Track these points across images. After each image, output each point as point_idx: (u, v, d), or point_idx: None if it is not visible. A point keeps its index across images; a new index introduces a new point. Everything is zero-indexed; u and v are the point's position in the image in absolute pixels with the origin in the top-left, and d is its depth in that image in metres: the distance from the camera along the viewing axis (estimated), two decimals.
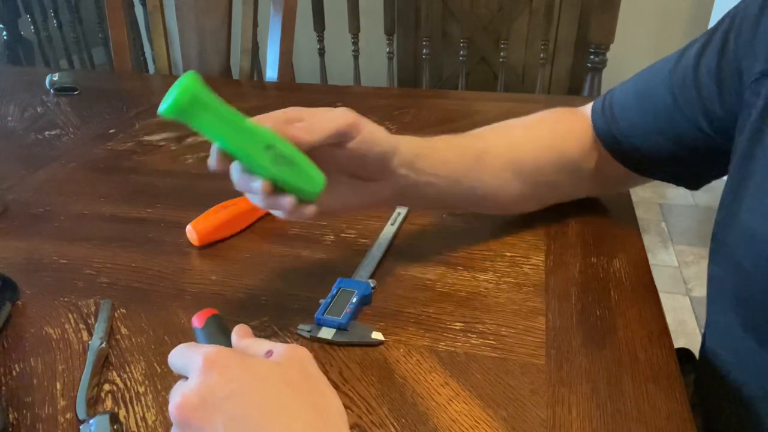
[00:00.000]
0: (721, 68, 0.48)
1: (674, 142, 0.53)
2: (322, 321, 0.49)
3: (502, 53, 1.81)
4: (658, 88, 0.53)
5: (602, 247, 0.58)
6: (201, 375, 0.33)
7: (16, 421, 0.42)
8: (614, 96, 0.58)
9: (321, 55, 2.05)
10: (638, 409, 0.41)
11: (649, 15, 2.42)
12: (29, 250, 0.61)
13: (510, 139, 0.58)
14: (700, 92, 0.49)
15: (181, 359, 0.35)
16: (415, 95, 1.07)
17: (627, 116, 0.56)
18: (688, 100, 0.50)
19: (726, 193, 0.46)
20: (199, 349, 0.34)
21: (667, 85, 0.52)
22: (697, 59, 0.50)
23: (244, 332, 0.39)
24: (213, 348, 0.34)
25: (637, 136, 0.56)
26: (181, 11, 1.30)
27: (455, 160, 0.53)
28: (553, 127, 0.60)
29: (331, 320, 0.49)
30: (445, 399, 0.42)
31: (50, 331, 0.50)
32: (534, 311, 0.50)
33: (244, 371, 0.33)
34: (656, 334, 0.47)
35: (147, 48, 2.34)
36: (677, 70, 0.52)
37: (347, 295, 0.51)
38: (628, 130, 0.56)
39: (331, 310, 0.50)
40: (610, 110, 0.58)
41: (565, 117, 0.61)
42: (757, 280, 0.42)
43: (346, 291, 0.52)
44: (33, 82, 1.16)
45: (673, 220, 2.09)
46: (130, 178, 0.76)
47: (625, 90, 0.58)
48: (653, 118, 0.54)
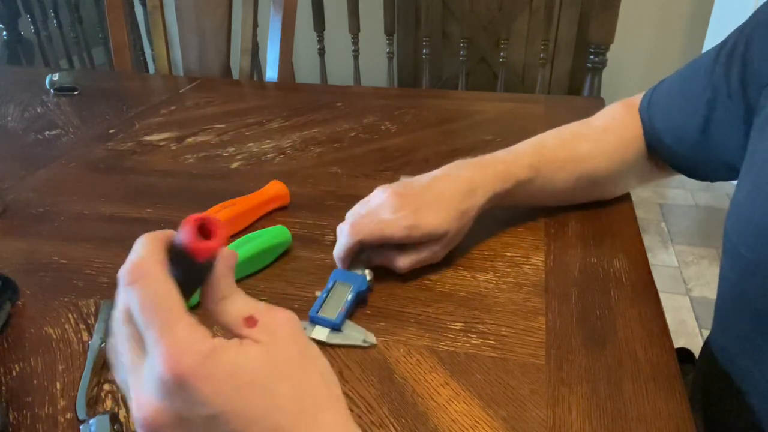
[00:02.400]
0: (744, 77, 0.49)
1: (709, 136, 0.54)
2: (317, 320, 0.48)
3: (502, 53, 1.81)
4: (701, 81, 0.54)
5: (602, 247, 0.58)
6: (168, 386, 0.26)
7: (16, 421, 0.42)
8: (656, 97, 0.60)
9: (321, 55, 2.05)
10: (638, 409, 0.41)
11: (649, 15, 2.42)
12: (29, 250, 0.61)
13: (576, 156, 0.59)
14: (731, 96, 0.50)
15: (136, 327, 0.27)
16: (415, 95, 1.07)
17: (668, 112, 0.58)
18: (722, 100, 0.51)
19: (739, 183, 0.48)
20: (154, 337, 0.26)
21: (706, 79, 0.53)
22: (729, 57, 0.51)
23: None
24: (176, 347, 0.26)
25: (674, 130, 0.57)
26: (181, 11, 1.30)
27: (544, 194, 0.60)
28: (620, 138, 0.61)
29: (325, 320, 0.48)
30: (445, 399, 0.42)
31: (50, 331, 0.50)
32: (534, 311, 0.50)
33: (230, 380, 0.27)
34: (656, 334, 0.47)
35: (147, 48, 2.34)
36: (716, 65, 0.52)
37: (343, 290, 0.50)
38: (667, 125, 0.58)
39: (325, 307, 0.49)
40: (652, 113, 0.60)
41: (628, 123, 0.62)
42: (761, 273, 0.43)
43: (342, 285, 0.51)
44: (33, 82, 1.16)
45: (673, 220, 2.09)
46: (130, 178, 0.76)
47: (672, 83, 0.59)
48: (696, 111, 0.54)
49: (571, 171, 0.59)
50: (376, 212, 0.52)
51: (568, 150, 0.59)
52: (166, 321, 0.27)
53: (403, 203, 0.52)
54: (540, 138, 0.61)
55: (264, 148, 0.82)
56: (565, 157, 0.59)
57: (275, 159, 0.79)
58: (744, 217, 0.45)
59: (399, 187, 0.54)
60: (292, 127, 0.89)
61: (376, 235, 0.51)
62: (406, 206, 0.51)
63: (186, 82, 1.15)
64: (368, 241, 0.51)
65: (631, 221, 0.62)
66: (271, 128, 0.89)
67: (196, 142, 0.86)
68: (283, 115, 0.94)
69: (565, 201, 0.63)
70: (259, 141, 0.85)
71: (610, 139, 0.61)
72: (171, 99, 1.05)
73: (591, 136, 0.61)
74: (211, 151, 0.82)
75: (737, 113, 0.50)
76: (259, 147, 0.83)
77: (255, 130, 0.89)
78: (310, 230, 0.62)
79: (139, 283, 0.28)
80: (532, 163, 0.57)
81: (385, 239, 0.51)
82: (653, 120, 0.60)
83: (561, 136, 0.61)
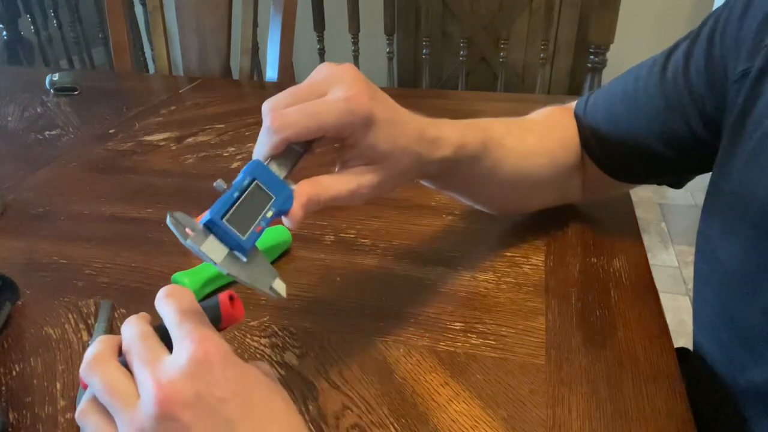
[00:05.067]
0: (709, 69, 0.48)
1: (665, 143, 0.53)
2: (216, 228, 0.33)
3: (502, 53, 1.81)
4: (648, 89, 0.53)
5: (602, 247, 0.58)
6: (195, 366, 0.29)
7: (16, 421, 0.42)
8: (599, 98, 0.58)
9: (321, 55, 2.05)
10: (638, 409, 0.41)
11: (649, 15, 2.42)
12: (29, 250, 0.61)
13: (523, 149, 0.54)
14: (692, 94, 0.50)
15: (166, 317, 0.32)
16: (415, 95, 1.07)
17: (614, 119, 0.56)
18: (681, 102, 0.50)
19: (709, 188, 0.47)
20: (187, 330, 0.31)
21: (657, 85, 0.52)
22: (685, 61, 0.50)
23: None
24: (204, 332, 0.31)
25: (620, 141, 0.55)
26: (181, 11, 1.30)
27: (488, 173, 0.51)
28: (563, 137, 0.58)
29: (230, 234, 0.33)
30: (445, 399, 0.42)
31: (50, 331, 0.50)
32: (534, 311, 0.50)
33: (243, 374, 0.31)
34: (656, 334, 0.47)
35: (147, 48, 2.34)
36: (667, 70, 0.52)
37: (261, 198, 0.35)
38: (613, 132, 0.55)
39: (234, 215, 0.33)
40: (594, 113, 0.57)
41: (568, 123, 0.60)
42: (733, 277, 0.43)
43: (262, 192, 0.35)
44: (33, 82, 1.16)
45: (673, 220, 2.09)
46: (130, 178, 0.76)
47: (610, 91, 0.57)
48: (644, 121, 0.53)
49: (515, 164, 0.53)
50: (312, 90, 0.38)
51: (515, 139, 0.53)
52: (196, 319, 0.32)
53: (358, 79, 0.38)
54: (487, 121, 0.52)
55: None
56: (512, 146, 0.52)
57: None
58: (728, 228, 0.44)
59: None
60: None
61: (311, 127, 0.36)
62: (361, 83, 0.38)
63: (186, 82, 1.15)
64: (298, 138, 0.37)
65: (631, 221, 0.62)
66: None
67: (195, 142, 0.86)
68: None
69: (494, 203, 0.58)
70: None
71: (554, 137, 0.57)
72: (171, 99, 1.05)
73: (536, 131, 0.56)
74: (210, 151, 0.82)
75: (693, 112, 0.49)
76: None
77: (255, 130, 0.89)
78: (310, 230, 0.62)
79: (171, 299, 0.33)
80: (484, 141, 0.48)
81: (322, 127, 0.37)
82: (589, 119, 0.57)
83: (509, 124, 0.54)
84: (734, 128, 0.44)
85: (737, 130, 0.43)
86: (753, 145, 0.41)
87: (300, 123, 0.36)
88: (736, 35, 0.45)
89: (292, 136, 0.36)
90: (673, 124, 0.51)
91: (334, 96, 0.37)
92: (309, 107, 0.36)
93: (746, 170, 0.42)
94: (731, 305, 0.44)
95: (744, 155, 0.42)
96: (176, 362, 0.30)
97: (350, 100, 0.37)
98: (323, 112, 0.36)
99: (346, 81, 0.38)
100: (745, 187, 0.41)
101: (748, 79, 0.43)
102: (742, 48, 0.44)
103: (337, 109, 0.37)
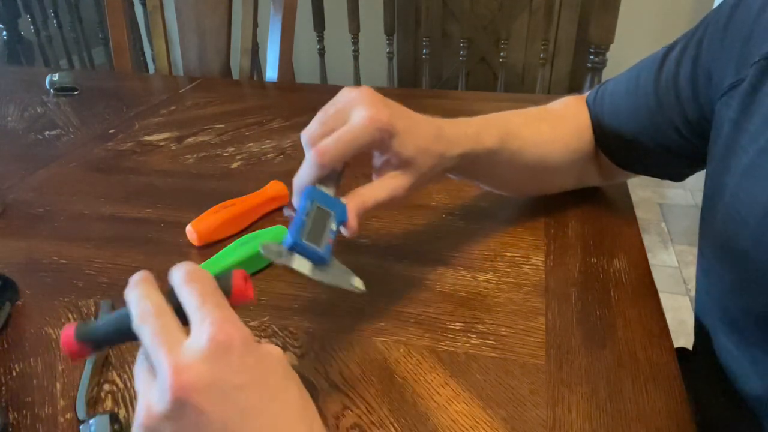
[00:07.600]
0: (695, 77, 0.49)
1: (654, 141, 0.55)
2: (300, 248, 0.38)
3: (502, 53, 1.81)
4: (646, 87, 0.54)
5: (602, 247, 0.58)
6: (214, 350, 0.29)
7: (16, 421, 0.42)
8: (607, 90, 0.60)
9: (321, 55, 2.05)
10: (638, 409, 0.41)
11: (649, 15, 2.42)
12: (29, 250, 0.61)
13: (539, 138, 0.57)
14: (679, 98, 0.51)
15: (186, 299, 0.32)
16: (415, 95, 1.07)
17: (616, 111, 0.58)
18: (670, 104, 0.52)
19: (704, 200, 0.48)
20: (208, 312, 0.30)
21: (653, 85, 0.54)
22: (676, 66, 0.51)
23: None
24: (227, 314, 0.30)
25: (623, 132, 0.57)
26: (181, 11, 1.30)
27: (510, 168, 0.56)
28: (576, 125, 0.61)
29: (312, 251, 0.39)
30: (445, 399, 0.42)
31: (50, 331, 0.50)
32: (534, 311, 0.50)
33: (261, 360, 0.31)
34: (656, 334, 0.47)
35: (147, 48, 2.34)
36: (662, 72, 0.53)
37: (324, 216, 0.40)
38: (615, 124, 0.58)
39: (309, 235, 0.39)
40: (600, 104, 0.60)
41: (582, 111, 0.62)
42: (726, 293, 0.44)
43: (322, 211, 0.41)
44: (33, 82, 1.16)
45: (673, 220, 2.09)
46: (130, 178, 0.76)
47: (618, 83, 0.59)
48: (639, 116, 0.55)
49: (532, 153, 0.56)
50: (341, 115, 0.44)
51: (531, 129, 0.57)
52: (218, 302, 0.31)
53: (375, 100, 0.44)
54: (503, 114, 0.57)
55: (264, 148, 0.82)
56: (528, 136, 0.56)
57: (275, 159, 0.79)
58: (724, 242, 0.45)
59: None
60: (292, 127, 0.89)
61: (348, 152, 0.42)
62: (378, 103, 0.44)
63: (186, 82, 1.15)
64: (339, 163, 0.43)
65: (631, 221, 0.62)
66: (271, 128, 0.89)
67: (196, 142, 0.86)
68: (283, 115, 0.94)
69: (517, 188, 0.62)
70: (259, 141, 0.85)
71: (567, 125, 0.60)
72: (171, 99, 1.05)
73: (550, 120, 0.60)
74: (210, 151, 0.82)
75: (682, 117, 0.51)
76: (259, 147, 0.83)
77: (255, 130, 0.89)
78: None
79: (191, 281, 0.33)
80: (501, 135, 0.53)
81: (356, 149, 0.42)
82: (598, 109, 0.60)
83: (524, 115, 0.59)
84: (727, 143, 0.44)
85: (731, 145, 0.43)
86: (749, 160, 0.41)
87: (338, 151, 0.41)
88: (720, 45, 0.46)
89: (334, 163, 0.42)
90: (663, 125, 0.53)
91: (357, 117, 0.42)
92: (342, 136, 0.42)
93: (742, 184, 0.42)
94: (730, 311, 0.44)
95: (738, 169, 0.42)
96: (195, 345, 0.29)
97: (373, 119, 0.42)
98: (355, 138, 0.42)
99: (365, 102, 0.43)
100: (741, 200, 0.42)
101: (738, 92, 0.43)
102: (728, 60, 0.44)
103: (365, 131, 0.42)
